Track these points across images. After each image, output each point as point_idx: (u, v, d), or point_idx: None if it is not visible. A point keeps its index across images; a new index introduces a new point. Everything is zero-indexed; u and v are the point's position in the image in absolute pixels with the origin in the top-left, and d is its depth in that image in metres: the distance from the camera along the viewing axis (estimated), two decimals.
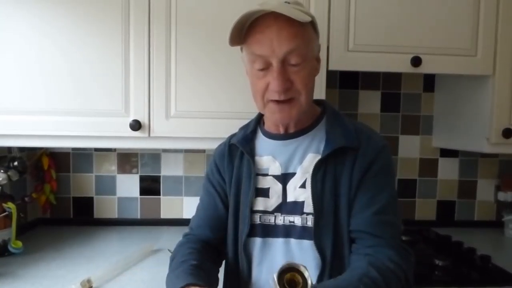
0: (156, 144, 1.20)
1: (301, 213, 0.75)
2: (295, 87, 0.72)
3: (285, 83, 0.70)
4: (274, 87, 0.71)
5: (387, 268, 0.65)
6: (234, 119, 1.09)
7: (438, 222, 1.61)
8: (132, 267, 1.11)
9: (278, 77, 0.70)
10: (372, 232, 0.70)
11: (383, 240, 0.70)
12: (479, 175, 1.62)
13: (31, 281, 0.99)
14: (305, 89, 0.73)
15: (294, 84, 0.72)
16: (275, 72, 0.70)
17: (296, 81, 0.71)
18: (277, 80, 0.70)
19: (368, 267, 0.64)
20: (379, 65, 1.18)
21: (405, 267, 0.68)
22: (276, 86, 0.70)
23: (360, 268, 0.65)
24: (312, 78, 0.76)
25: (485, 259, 1.13)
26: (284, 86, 0.70)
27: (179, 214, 1.58)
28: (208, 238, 0.85)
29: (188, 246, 0.81)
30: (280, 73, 0.70)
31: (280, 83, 0.70)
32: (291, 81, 0.71)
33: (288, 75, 0.71)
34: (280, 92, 0.71)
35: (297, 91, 0.72)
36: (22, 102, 1.13)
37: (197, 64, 1.16)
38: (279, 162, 0.80)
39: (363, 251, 0.70)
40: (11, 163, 1.30)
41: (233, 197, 0.83)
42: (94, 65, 1.14)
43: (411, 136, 1.60)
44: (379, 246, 0.69)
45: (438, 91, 1.57)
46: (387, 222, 0.72)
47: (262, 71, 0.72)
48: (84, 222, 1.54)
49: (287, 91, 0.71)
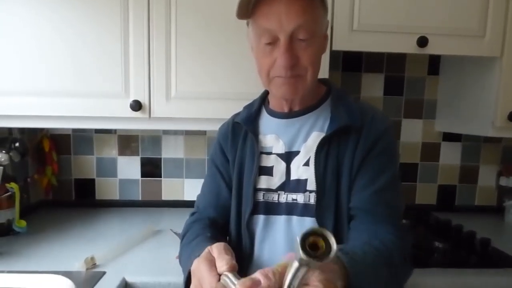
0: (156, 125, 1.19)
1: (304, 191, 0.75)
2: (301, 64, 0.70)
3: (292, 59, 0.69)
4: (280, 62, 0.69)
5: (387, 240, 0.65)
6: (235, 100, 1.08)
7: (439, 206, 1.61)
8: (135, 247, 1.12)
9: (286, 52, 0.68)
10: (370, 210, 0.70)
11: (381, 218, 0.70)
12: (481, 160, 1.61)
13: (36, 259, 1.01)
14: (312, 66, 0.71)
15: (300, 61, 0.70)
16: (282, 47, 0.69)
17: (303, 57, 0.70)
18: (284, 55, 0.68)
19: (369, 238, 0.64)
20: (384, 46, 1.16)
21: (403, 243, 0.68)
22: (283, 61, 0.69)
23: (361, 239, 0.65)
24: (319, 55, 0.74)
25: (484, 242, 1.13)
26: (291, 62, 0.69)
27: (180, 196, 1.59)
28: (214, 217, 0.85)
29: (199, 223, 0.82)
30: (287, 49, 0.68)
31: (287, 59, 0.68)
32: (298, 57, 0.70)
33: (295, 51, 0.69)
34: (287, 67, 0.69)
35: (304, 67, 0.71)
36: (22, 83, 1.12)
37: (197, 44, 1.14)
38: (283, 140, 0.79)
39: (362, 227, 0.70)
40: (12, 144, 1.30)
41: (236, 176, 0.82)
42: (93, 46, 1.12)
43: (414, 120, 1.59)
44: (377, 223, 0.69)
45: (442, 75, 1.55)
46: (386, 200, 0.72)
47: (269, 46, 0.71)
48: (86, 204, 1.55)
49: (294, 67, 0.70)
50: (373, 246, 0.61)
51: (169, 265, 0.98)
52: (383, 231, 0.67)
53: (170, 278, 0.91)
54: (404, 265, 0.66)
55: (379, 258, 0.60)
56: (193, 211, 0.91)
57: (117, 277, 0.90)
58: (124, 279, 0.90)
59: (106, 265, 0.98)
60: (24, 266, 0.95)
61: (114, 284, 0.86)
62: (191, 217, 0.88)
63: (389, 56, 1.54)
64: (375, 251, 0.60)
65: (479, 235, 1.17)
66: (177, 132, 1.56)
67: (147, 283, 0.91)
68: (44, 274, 0.90)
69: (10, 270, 0.92)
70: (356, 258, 0.54)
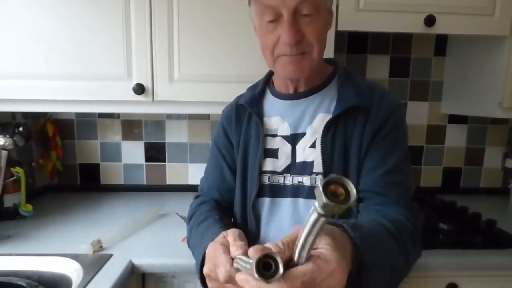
0: (160, 109, 1.18)
1: (310, 173, 0.74)
2: (307, 40, 0.68)
3: (296, 35, 0.66)
4: (285, 39, 0.67)
5: (398, 219, 0.64)
6: (238, 83, 1.06)
7: (443, 189, 1.61)
8: (141, 230, 1.13)
9: (289, 28, 0.66)
10: (380, 191, 0.69)
11: (391, 199, 0.69)
12: (487, 142, 1.60)
13: (43, 242, 1.02)
14: (318, 42, 0.69)
15: (306, 37, 0.67)
16: (286, 23, 0.66)
17: (308, 33, 0.67)
18: (288, 32, 0.66)
19: (379, 218, 0.62)
20: (390, 25, 1.13)
21: (415, 223, 0.66)
22: (287, 37, 0.66)
23: (371, 218, 0.64)
24: (324, 31, 0.72)
25: (490, 223, 1.13)
26: (296, 38, 0.66)
27: (184, 181, 1.59)
28: (218, 199, 0.86)
29: (205, 205, 0.82)
30: (291, 24, 0.66)
31: (291, 35, 0.66)
32: (303, 34, 0.67)
33: (299, 26, 0.67)
34: (291, 44, 0.67)
35: (309, 44, 0.68)
36: (21, 66, 1.11)
37: (200, 26, 1.12)
38: (288, 122, 0.78)
39: (371, 209, 0.69)
40: (16, 129, 1.29)
41: (240, 159, 0.82)
42: (94, 28, 1.10)
43: (420, 102, 1.57)
44: (387, 204, 0.68)
45: (449, 55, 1.52)
46: (396, 182, 0.70)
47: (272, 24, 0.68)
48: (91, 188, 1.56)
49: (299, 44, 0.67)
50: (382, 225, 0.60)
51: (175, 247, 0.99)
52: (393, 212, 0.66)
53: (177, 260, 0.92)
54: (413, 246, 0.64)
55: (388, 236, 0.59)
56: (197, 194, 0.91)
57: (124, 259, 0.91)
58: (131, 261, 0.91)
59: (113, 247, 0.99)
60: (31, 249, 0.96)
61: (121, 266, 0.87)
62: (195, 200, 0.88)
63: (395, 37, 1.51)
64: (384, 229, 0.59)
65: (485, 217, 1.17)
66: (180, 117, 1.55)
67: (154, 265, 0.92)
68: (51, 257, 0.91)
69: (18, 253, 0.93)
70: (366, 235, 0.53)
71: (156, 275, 0.96)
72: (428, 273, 0.96)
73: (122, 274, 0.85)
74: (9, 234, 1.06)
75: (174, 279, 0.96)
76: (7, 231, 1.08)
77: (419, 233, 0.67)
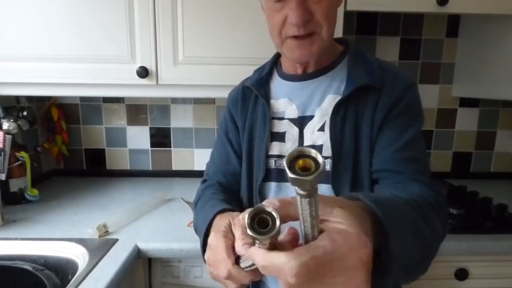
0: (164, 93, 1.16)
1: None
2: (315, 19, 0.64)
3: (304, 14, 0.63)
4: (292, 19, 0.64)
5: (417, 193, 0.58)
6: (244, 65, 1.05)
7: (453, 173, 1.58)
8: (147, 214, 1.12)
9: (297, 7, 0.62)
10: (395, 169, 0.65)
11: (407, 176, 0.64)
12: (499, 125, 1.56)
13: (50, 226, 1.02)
14: (327, 21, 0.65)
15: (314, 16, 0.64)
16: (293, 2, 0.63)
17: (317, 12, 0.64)
18: (295, 11, 0.63)
19: (396, 194, 0.56)
20: (401, 5, 1.08)
21: (436, 197, 0.61)
22: (295, 17, 0.63)
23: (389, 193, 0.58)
24: (334, 9, 0.68)
25: (501, 208, 1.11)
26: (304, 18, 0.63)
27: (190, 166, 1.58)
28: (224, 183, 0.84)
29: (211, 188, 0.81)
30: (299, 3, 0.63)
31: (299, 14, 0.63)
32: (311, 13, 0.64)
33: (307, 5, 0.63)
34: (299, 25, 0.64)
35: (318, 23, 0.65)
36: (23, 48, 1.08)
37: (204, 8, 1.09)
38: (296, 104, 0.75)
39: (387, 188, 0.65)
40: (20, 113, 1.29)
41: (246, 142, 0.80)
42: (96, 9, 1.07)
43: (430, 85, 1.52)
44: (404, 181, 0.64)
45: (462, 36, 1.46)
46: (411, 158, 0.66)
47: (279, 3, 0.65)
48: (97, 173, 1.56)
49: (307, 24, 0.64)
50: (400, 197, 0.53)
51: (181, 232, 0.99)
52: (412, 188, 0.61)
53: (182, 245, 0.92)
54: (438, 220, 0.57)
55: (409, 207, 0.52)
56: (203, 178, 0.90)
57: (130, 244, 0.91)
58: (137, 246, 0.91)
59: (119, 232, 0.98)
60: (37, 234, 0.96)
61: (127, 251, 0.87)
62: (202, 185, 0.87)
63: (406, 17, 1.46)
64: (404, 203, 0.52)
65: (495, 201, 1.15)
66: (185, 101, 1.53)
67: (160, 250, 0.92)
68: (57, 241, 0.91)
69: (24, 237, 0.93)
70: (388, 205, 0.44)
71: (162, 259, 0.96)
72: (437, 258, 0.92)
73: (127, 258, 0.84)
74: (15, 218, 1.07)
75: (180, 264, 0.96)
76: (13, 216, 1.08)
77: (444, 209, 0.61)
